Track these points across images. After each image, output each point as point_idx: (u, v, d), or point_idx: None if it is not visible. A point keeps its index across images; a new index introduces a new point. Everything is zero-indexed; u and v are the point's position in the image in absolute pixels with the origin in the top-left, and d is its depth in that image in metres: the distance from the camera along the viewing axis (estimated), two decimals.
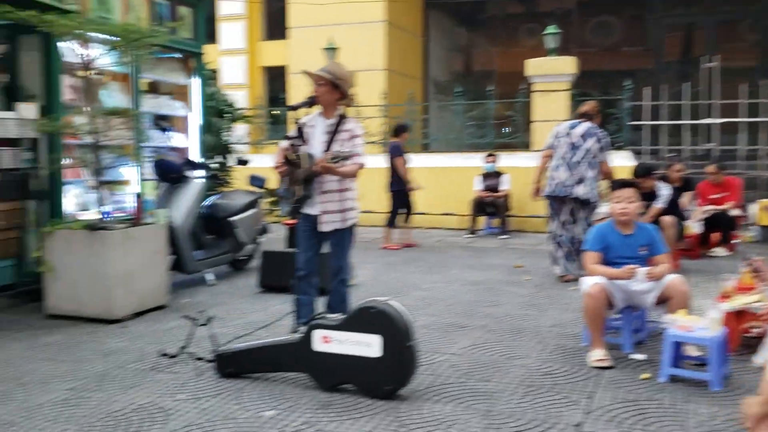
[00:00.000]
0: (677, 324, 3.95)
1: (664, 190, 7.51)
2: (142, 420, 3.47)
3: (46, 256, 5.56)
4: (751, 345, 4.35)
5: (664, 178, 8.15)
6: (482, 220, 10.97)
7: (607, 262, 4.44)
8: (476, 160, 11.24)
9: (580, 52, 14.00)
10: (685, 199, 8.69)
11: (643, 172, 7.56)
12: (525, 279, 7.11)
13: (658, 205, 7.36)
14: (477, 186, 10.86)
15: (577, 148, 6.92)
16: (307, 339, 3.85)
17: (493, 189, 10.78)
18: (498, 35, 18.68)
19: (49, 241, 5.54)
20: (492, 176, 10.83)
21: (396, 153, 9.37)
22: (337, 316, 3.90)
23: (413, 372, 3.75)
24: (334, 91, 4.54)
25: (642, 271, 4.24)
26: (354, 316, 3.77)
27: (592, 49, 17.54)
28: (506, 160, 11.16)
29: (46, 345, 4.82)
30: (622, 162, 10.48)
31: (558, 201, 7.01)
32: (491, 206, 10.74)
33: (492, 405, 3.62)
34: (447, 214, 11.44)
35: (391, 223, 9.55)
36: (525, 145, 11.71)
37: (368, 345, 3.69)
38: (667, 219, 7.24)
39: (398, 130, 9.61)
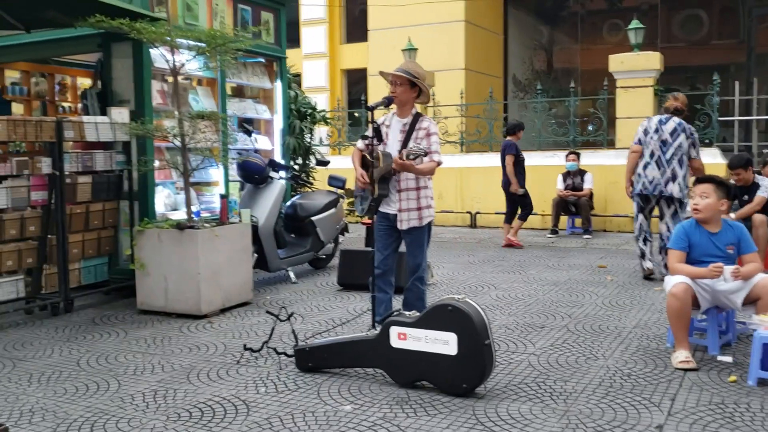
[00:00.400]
0: (766, 325, 3.79)
1: (765, 181, 7.21)
2: (225, 411, 3.60)
3: (137, 254, 5.83)
4: None
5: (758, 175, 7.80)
6: (564, 220, 10.77)
7: (693, 261, 4.30)
8: (558, 159, 11.06)
9: (667, 47, 13.59)
10: None
11: (738, 163, 7.27)
12: (608, 279, 6.96)
13: (764, 194, 7.07)
14: (559, 185, 10.67)
15: (668, 145, 6.71)
16: (383, 336, 3.90)
17: (576, 188, 10.58)
18: (580, 31, 18.32)
19: (141, 239, 5.81)
20: (574, 175, 10.62)
21: (508, 151, 9.34)
22: (413, 314, 3.94)
23: (490, 371, 3.75)
24: (411, 89, 4.59)
25: (728, 269, 4.09)
26: (430, 314, 3.79)
27: (680, 44, 16.97)
28: (589, 158, 10.93)
29: (138, 339, 5.06)
30: (711, 159, 10.10)
31: (646, 199, 6.84)
32: (573, 205, 10.55)
33: (570, 405, 3.57)
34: None
35: (508, 221, 9.52)
36: (608, 143, 11.44)
37: (444, 342, 3.71)
38: (759, 217, 6.94)
39: (513, 129, 9.60)
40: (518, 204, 9.48)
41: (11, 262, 5.62)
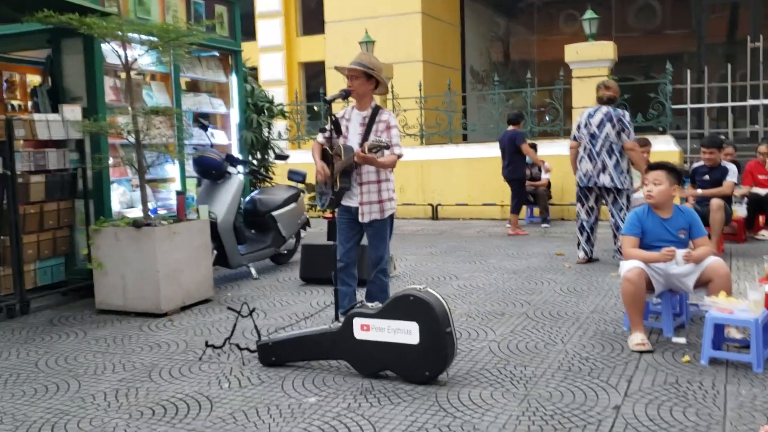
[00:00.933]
0: (717, 306, 3.91)
1: (731, 167, 7.49)
2: (189, 407, 3.58)
3: (94, 254, 5.75)
4: None
5: None
6: (523, 210, 10.91)
7: (646, 246, 4.41)
8: None
9: (622, 37, 13.80)
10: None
11: (711, 143, 7.58)
12: (566, 266, 7.08)
13: (732, 180, 7.36)
14: None
15: (596, 138, 6.96)
16: (347, 327, 3.92)
17: (534, 178, 10.72)
18: (537, 22, 18.52)
19: (97, 238, 5.72)
20: (532, 165, 10.75)
21: (521, 140, 9.64)
22: (375, 305, 3.96)
23: (452, 358, 3.80)
24: (368, 81, 4.60)
25: (680, 253, 4.20)
26: (392, 305, 3.82)
27: (634, 33, 17.27)
28: (546, 148, 11.09)
29: (98, 338, 4.99)
30: (665, 146, 10.34)
31: (588, 190, 7.12)
32: (532, 195, 10.68)
33: (530, 389, 3.64)
34: (488, 204, 11.42)
35: (516, 210, 9.71)
36: (565, 133, 11.60)
37: (407, 332, 3.75)
38: (716, 202, 7.16)
39: (517, 119, 9.92)
40: (517, 194, 9.70)
41: None
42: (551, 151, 11.03)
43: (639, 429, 3.11)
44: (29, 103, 7.63)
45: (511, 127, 9.83)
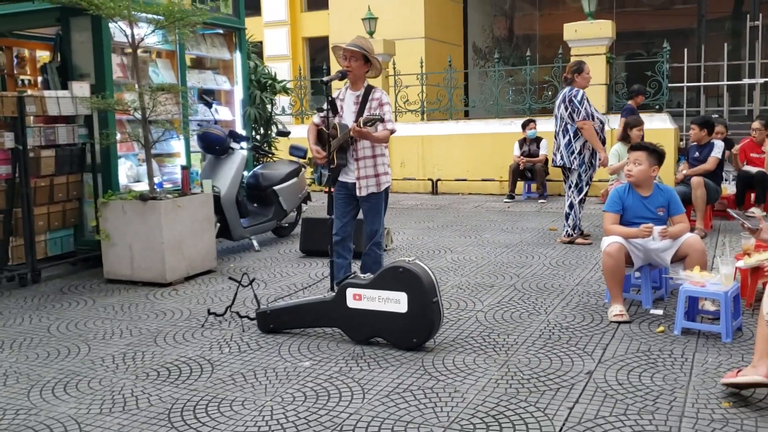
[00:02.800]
0: (691, 280, 4.14)
1: (718, 143, 7.69)
2: (191, 370, 3.84)
3: (102, 226, 5.99)
4: None
5: None
6: (521, 185, 11.11)
7: (626, 222, 4.63)
8: (515, 126, 11.35)
9: (623, 13, 13.84)
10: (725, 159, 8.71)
11: (697, 121, 7.78)
12: (557, 241, 7.30)
13: (717, 155, 7.53)
14: (516, 151, 10.98)
15: (556, 119, 7.20)
16: (340, 297, 4.17)
17: (532, 154, 10.90)
18: None
19: (105, 211, 5.97)
20: (530, 142, 10.93)
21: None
22: (367, 276, 4.21)
23: (438, 327, 4.04)
24: (365, 64, 4.79)
25: (657, 229, 4.42)
26: (382, 275, 4.06)
27: (636, 9, 17.27)
28: (545, 125, 11.23)
29: (106, 306, 5.25)
30: (661, 124, 10.49)
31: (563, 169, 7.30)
32: (529, 171, 10.88)
33: (510, 356, 3.89)
34: (486, 180, 11.62)
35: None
36: None
37: (396, 302, 3.99)
38: (696, 180, 7.36)
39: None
40: None
41: None
42: (550, 128, 11.14)
43: (608, 392, 3.36)
44: (39, 79, 7.85)
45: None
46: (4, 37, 7.82)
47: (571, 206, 7.09)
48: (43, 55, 8.17)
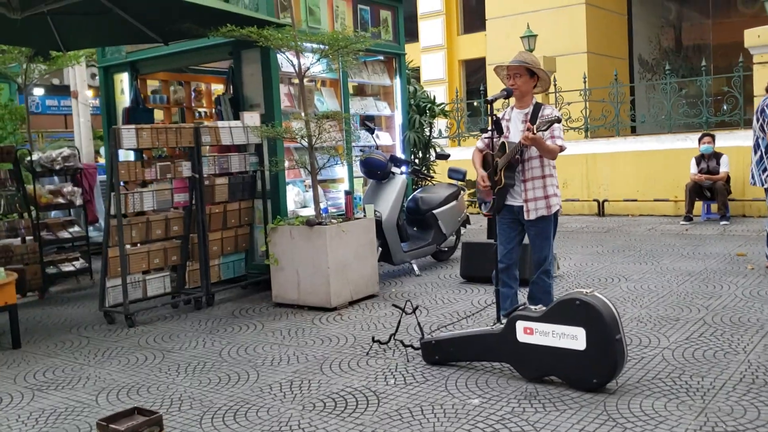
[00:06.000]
0: None
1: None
2: (357, 402, 3.75)
3: (271, 250, 6.14)
4: None
5: None
6: (699, 206, 10.25)
7: None
8: (691, 142, 10.53)
9: None
10: None
11: None
12: (749, 268, 6.59)
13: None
14: (693, 169, 10.15)
15: (754, 132, 6.38)
16: (509, 330, 3.91)
17: (711, 171, 10.03)
18: (712, 5, 17.29)
19: (274, 236, 6.11)
20: (709, 158, 10.07)
21: None
22: (539, 308, 3.92)
23: (621, 366, 3.67)
24: (530, 79, 4.55)
25: None
26: (557, 308, 3.77)
27: None
28: (724, 139, 10.34)
29: (274, 331, 5.33)
30: None
31: None
32: (709, 190, 10.01)
33: (708, 402, 3.45)
34: (659, 200, 10.85)
35: None
36: (746, 123, 10.75)
37: (573, 337, 3.68)
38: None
39: None
40: None
41: (158, 260, 6.08)
42: (730, 143, 10.27)
43: None
44: (213, 110, 8.29)
45: None
46: (183, 73, 8.35)
47: None
48: (218, 88, 8.63)
